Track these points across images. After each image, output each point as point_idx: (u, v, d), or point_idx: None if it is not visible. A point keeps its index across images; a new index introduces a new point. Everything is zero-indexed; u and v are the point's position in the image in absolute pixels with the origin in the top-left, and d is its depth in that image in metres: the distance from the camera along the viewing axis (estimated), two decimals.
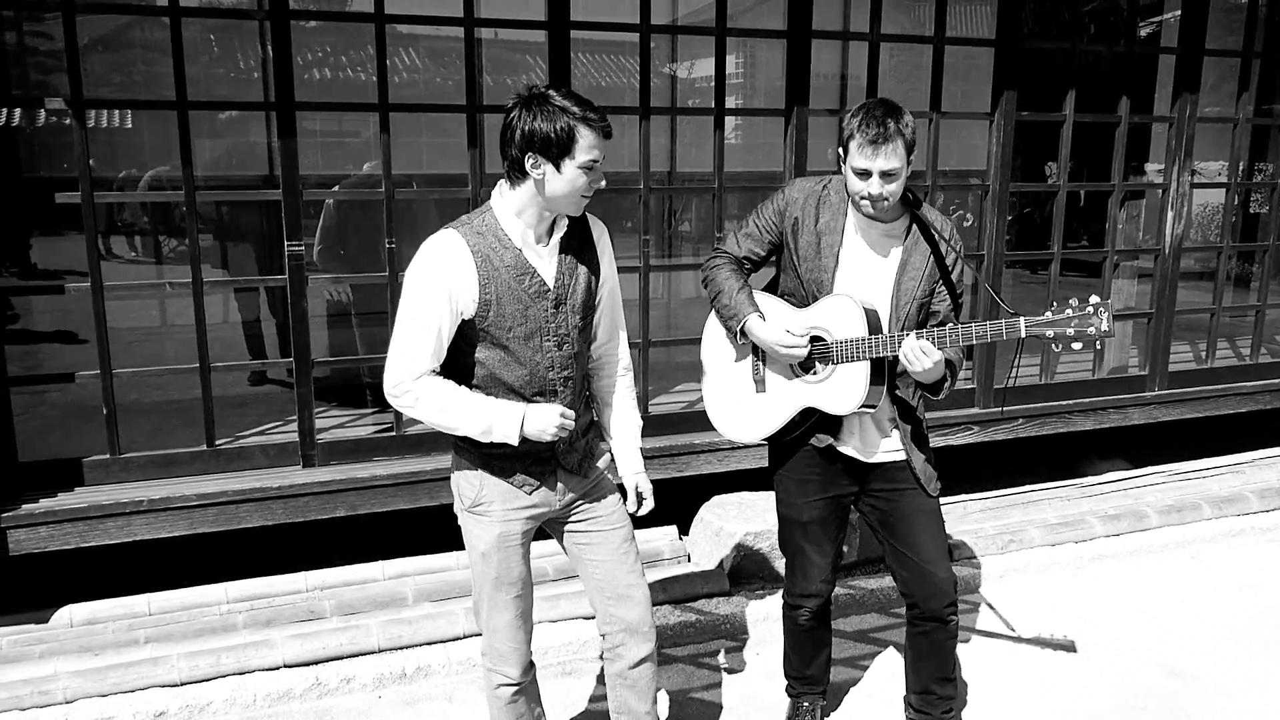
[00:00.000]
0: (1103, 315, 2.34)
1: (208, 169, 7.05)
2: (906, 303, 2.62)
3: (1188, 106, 5.11)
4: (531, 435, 2.30)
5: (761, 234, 2.76)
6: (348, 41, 9.02)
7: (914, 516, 2.76)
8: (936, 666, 2.88)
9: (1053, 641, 3.78)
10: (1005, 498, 4.95)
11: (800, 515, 2.84)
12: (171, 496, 3.69)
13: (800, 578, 2.91)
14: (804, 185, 2.74)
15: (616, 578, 2.54)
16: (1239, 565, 4.52)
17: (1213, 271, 5.71)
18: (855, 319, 2.56)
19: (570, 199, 2.28)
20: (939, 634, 2.82)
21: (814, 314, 2.65)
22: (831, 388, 2.63)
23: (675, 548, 4.27)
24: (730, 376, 2.84)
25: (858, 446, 2.75)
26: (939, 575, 2.75)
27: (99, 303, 3.65)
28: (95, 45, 7.48)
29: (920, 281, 2.63)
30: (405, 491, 3.98)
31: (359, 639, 3.51)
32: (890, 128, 2.44)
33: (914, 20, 7.21)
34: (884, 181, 2.49)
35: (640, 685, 2.58)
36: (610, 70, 10.78)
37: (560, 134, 2.19)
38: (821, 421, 2.71)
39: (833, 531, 2.87)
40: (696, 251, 8.32)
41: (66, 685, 3.21)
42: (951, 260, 2.66)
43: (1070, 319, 2.36)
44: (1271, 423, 5.83)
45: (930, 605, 2.77)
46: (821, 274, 2.65)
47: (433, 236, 2.32)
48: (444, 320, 2.27)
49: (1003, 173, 4.79)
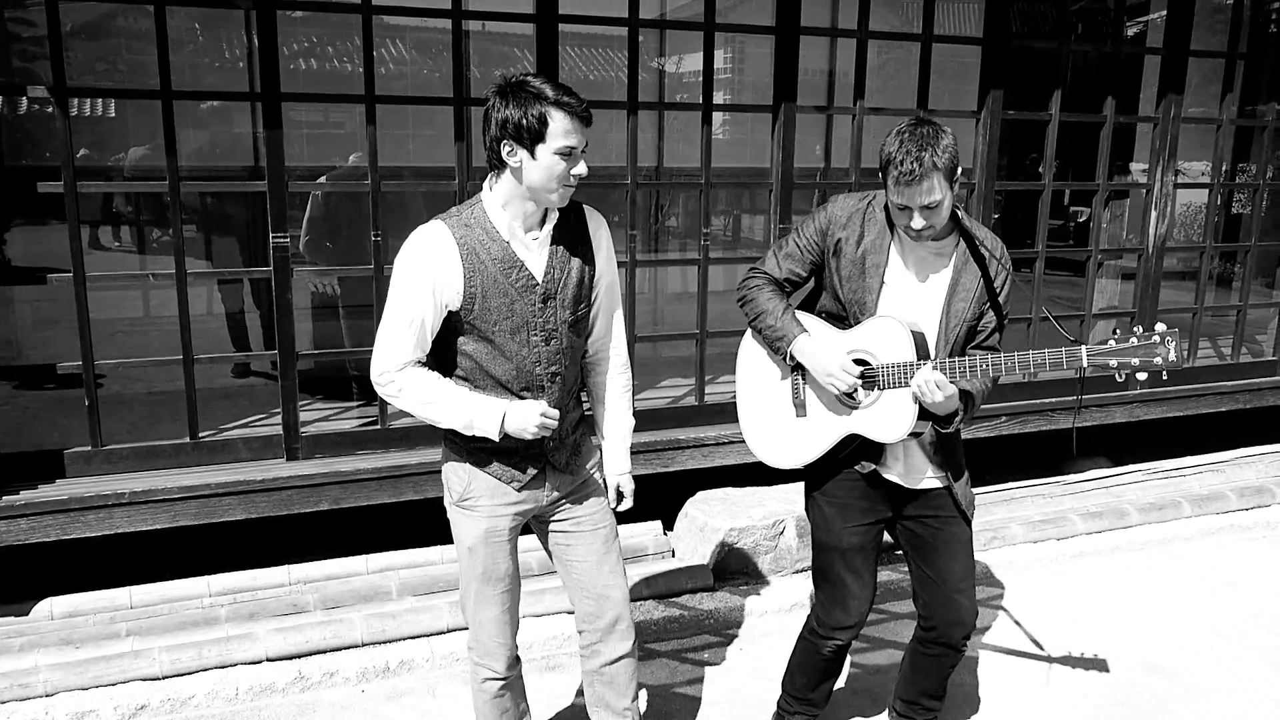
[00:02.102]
0: (1169, 344, 2.26)
1: (193, 159, 7.00)
2: (956, 325, 2.51)
3: (1172, 107, 5.14)
4: (512, 432, 2.29)
5: (803, 254, 2.63)
6: (335, 32, 8.97)
7: (952, 545, 2.67)
8: (933, 684, 2.86)
9: (1034, 638, 3.81)
10: (988, 495, 4.98)
11: (840, 542, 2.69)
12: (153, 489, 3.66)
13: (839, 610, 2.73)
14: (846, 203, 2.61)
15: (596, 577, 2.53)
16: (1219, 563, 4.56)
17: (1195, 271, 5.75)
18: (902, 342, 2.45)
19: (549, 187, 2.22)
20: (947, 658, 2.77)
21: (858, 336, 2.53)
22: (877, 414, 2.52)
23: (660, 543, 4.28)
24: (768, 400, 2.72)
25: (901, 473, 2.64)
26: (963, 604, 2.68)
27: (81, 293, 3.62)
28: (79, 33, 7.41)
29: (970, 304, 2.52)
30: (389, 485, 3.97)
31: (342, 633, 3.50)
32: (924, 163, 2.29)
33: (902, 18, 7.23)
34: (926, 215, 2.37)
35: (618, 681, 2.58)
36: (599, 64, 10.75)
37: (533, 119, 2.15)
38: (863, 446, 2.60)
39: (872, 560, 2.74)
40: (683, 247, 8.32)
41: (47, 678, 3.19)
42: (1001, 280, 2.54)
43: (1136, 348, 2.28)
44: (1251, 422, 5.89)
45: (950, 633, 2.70)
46: (866, 294, 2.53)
47: (420, 228, 2.30)
48: (427, 312, 2.26)
49: (989, 171, 4.81)
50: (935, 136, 2.34)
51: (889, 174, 2.36)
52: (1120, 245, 5.72)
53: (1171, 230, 5.46)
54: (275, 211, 3.78)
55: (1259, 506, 5.04)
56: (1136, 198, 5.60)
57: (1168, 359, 2.27)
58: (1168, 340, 2.27)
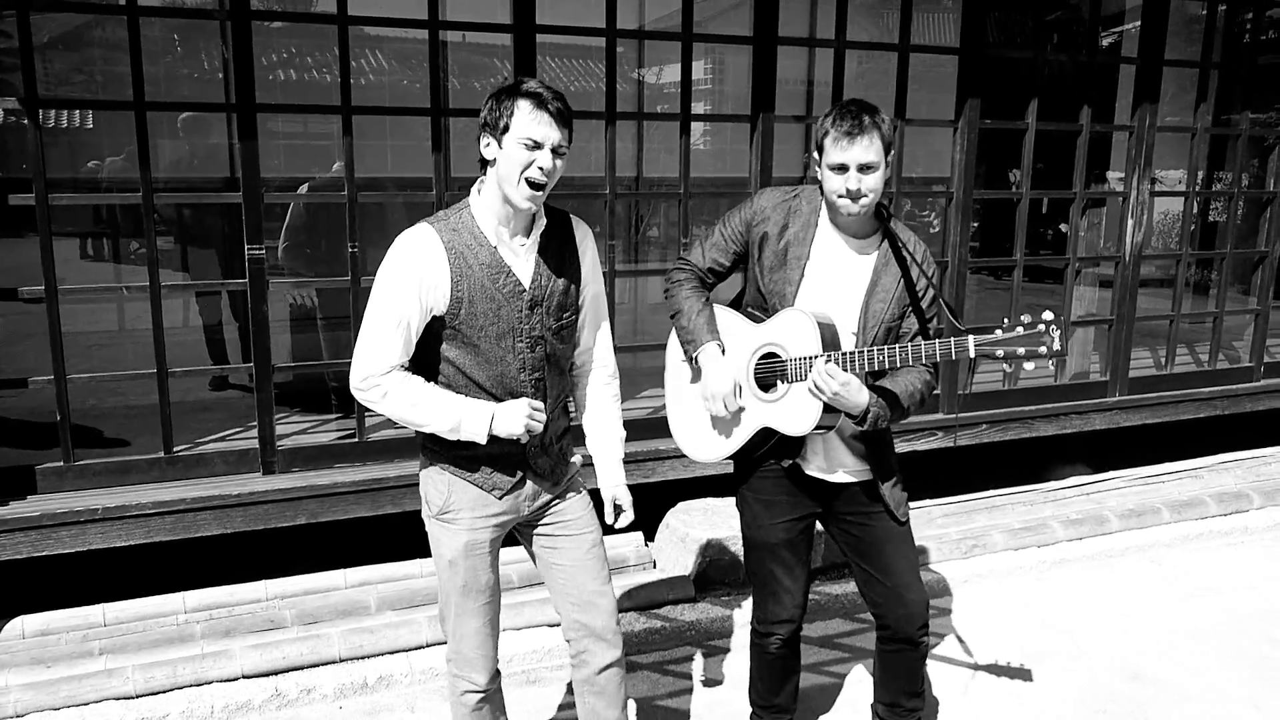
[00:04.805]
0: (1054, 334, 2.22)
1: (169, 170, 6.95)
2: (874, 325, 2.53)
3: (1148, 116, 5.18)
4: (501, 434, 2.27)
5: (727, 244, 2.67)
6: (313, 43, 8.94)
7: (885, 543, 2.68)
8: (906, 682, 2.85)
9: (1016, 645, 3.80)
10: (969, 502, 4.99)
11: (769, 538, 2.73)
12: (127, 505, 3.61)
13: (772, 604, 2.78)
14: (773, 195, 2.64)
15: (582, 584, 2.51)
16: (1198, 568, 4.58)
17: (1173, 279, 5.79)
18: (810, 335, 2.45)
19: (512, 179, 2.20)
20: (910, 654, 2.77)
21: (770, 330, 2.56)
22: (786, 407, 2.53)
23: (641, 554, 4.26)
24: (691, 394, 2.75)
25: (822, 467, 2.66)
26: (911, 598, 2.69)
27: (53, 306, 3.58)
28: (56, 44, 7.35)
29: (889, 304, 2.53)
30: (368, 498, 3.94)
31: (320, 648, 3.46)
32: (866, 121, 2.38)
33: (880, 28, 7.26)
34: (862, 175, 2.39)
35: (609, 691, 2.56)
36: (579, 75, 10.76)
37: (502, 108, 2.20)
38: (783, 441, 2.61)
39: (803, 553, 2.77)
40: (664, 257, 8.32)
41: (17, 698, 3.14)
42: (923, 286, 2.55)
43: (1020, 337, 2.24)
44: (1229, 428, 5.92)
45: (903, 628, 2.72)
46: (785, 286, 2.55)
47: (406, 231, 2.29)
48: (413, 315, 2.25)
49: (966, 179, 4.83)
50: (874, 109, 2.43)
51: (829, 135, 2.42)
52: (1098, 253, 5.74)
53: (1149, 238, 5.50)
54: (251, 223, 3.75)
55: (1237, 512, 5.07)
56: (1114, 206, 5.63)
57: (1052, 348, 2.23)
58: (1053, 329, 2.23)
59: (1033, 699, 3.46)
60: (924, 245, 2.62)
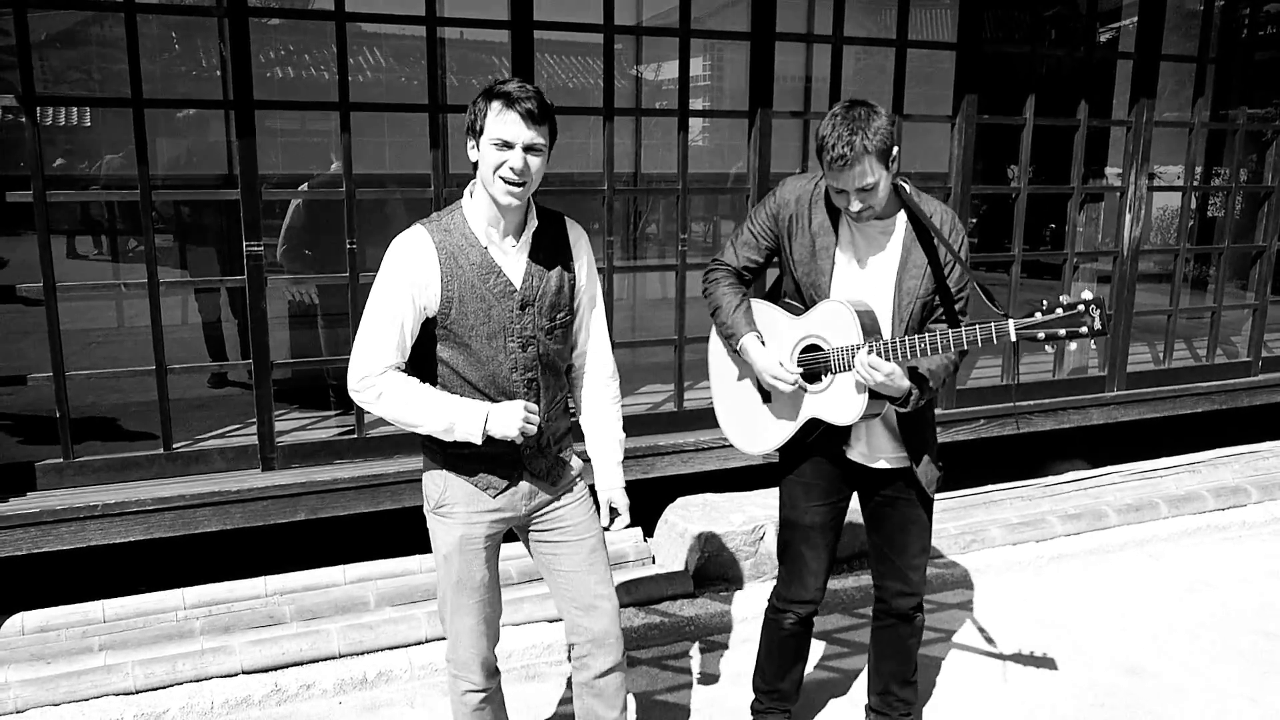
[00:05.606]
0: (1094, 313, 2.23)
1: (168, 168, 6.95)
2: (909, 302, 2.52)
3: (1145, 111, 5.18)
4: (496, 434, 2.28)
5: (757, 240, 2.67)
6: (311, 40, 8.93)
7: (908, 525, 2.77)
8: (898, 665, 2.90)
9: (1014, 640, 3.81)
10: (967, 498, 5.00)
11: (803, 519, 2.78)
12: (127, 501, 3.62)
13: (795, 583, 2.84)
14: (795, 185, 2.63)
15: (584, 587, 2.51)
16: (1196, 563, 4.59)
17: (1170, 274, 5.79)
18: (849, 325, 2.46)
19: (488, 179, 2.22)
20: (902, 629, 2.86)
21: (809, 322, 2.57)
22: (832, 398, 2.55)
23: (640, 549, 4.26)
24: (737, 388, 2.79)
25: (863, 453, 2.70)
26: (913, 578, 2.80)
27: (52, 303, 3.58)
28: (54, 41, 7.34)
29: (922, 279, 2.51)
30: (367, 494, 3.94)
31: (319, 644, 3.46)
32: (855, 147, 2.30)
33: (878, 23, 7.25)
34: (862, 197, 2.38)
35: (607, 694, 2.56)
36: (577, 72, 10.75)
37: (477, 110, 2.22)
38: (829, 430, 2.63)
39: (831, 537, 2.82)
40: (662, 253, 8.32)
41: (17, 694, 3.14)
42: (948, 260, 2.52)
43: (1061, 319, 2.25)
44: (1227, 422, 5.93)
45: (899, 603, 2.82)
46: (819, 277, 2.55)
47: (402, 233, 2.32)
48: (407, 316, 2.27)
49: (964, 175, 4.84)
50: (867, 119, 2.33)
51: (822, 158, 2.38)
52: (1095, 249, 5.75)
53: (1147, 233, 5.50)
54: (249, 220, 3.76)
55: (1235, 506, 5.07)
56: (1112, 201, 5.63)
57: (1094, 327, 2.24)
58: (1093, 309, 2.24)
59: (1030, 693, 3.47)
60: (952, 213, 2.59)
